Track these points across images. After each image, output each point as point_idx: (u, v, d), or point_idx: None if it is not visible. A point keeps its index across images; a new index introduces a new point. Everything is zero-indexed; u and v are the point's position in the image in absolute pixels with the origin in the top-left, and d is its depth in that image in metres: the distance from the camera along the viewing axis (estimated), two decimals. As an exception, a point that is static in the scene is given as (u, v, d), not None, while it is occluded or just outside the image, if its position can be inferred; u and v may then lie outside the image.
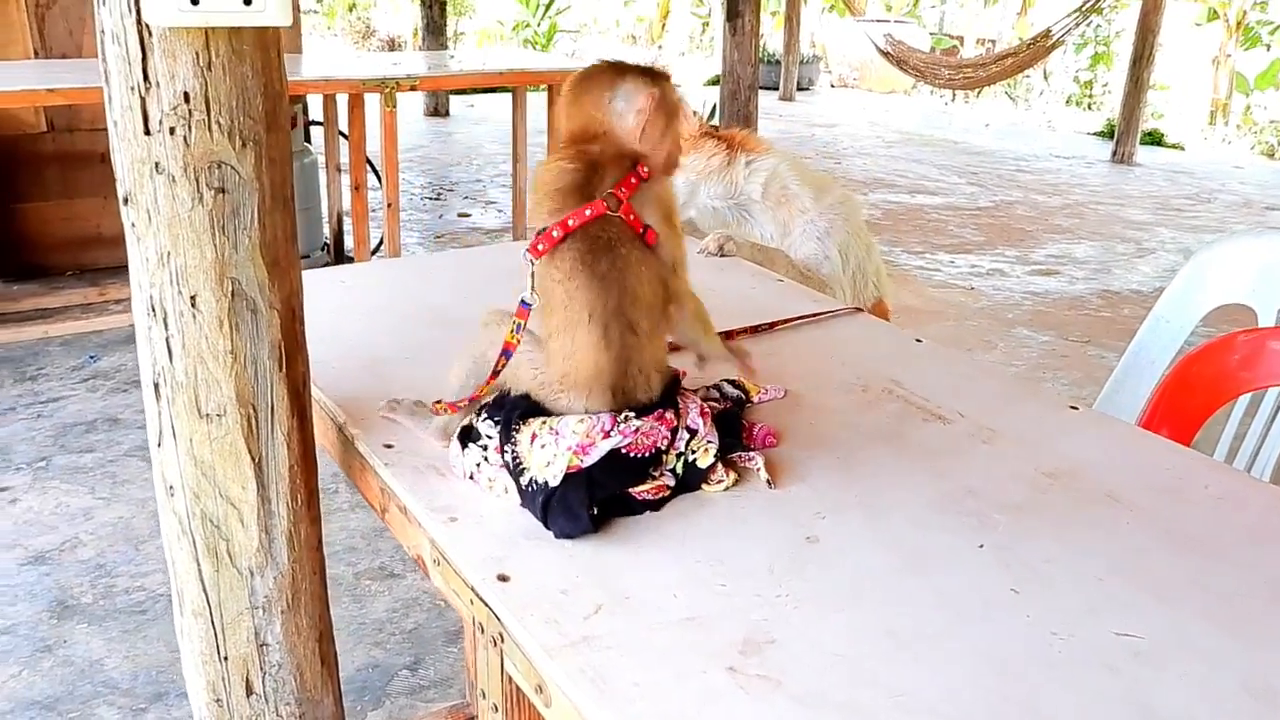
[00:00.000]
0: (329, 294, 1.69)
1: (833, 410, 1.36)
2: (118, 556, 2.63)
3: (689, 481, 1.13)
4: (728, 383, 1.36)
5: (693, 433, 1.14)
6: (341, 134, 4.69)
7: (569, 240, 1.09)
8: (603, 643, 0.90)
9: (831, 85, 12.88)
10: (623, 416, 1.08)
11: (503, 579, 0.98)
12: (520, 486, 1.08)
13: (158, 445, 1.07)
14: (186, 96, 0.96)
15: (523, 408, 1.11)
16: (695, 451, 1.13)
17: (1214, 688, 0.88)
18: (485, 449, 1.12)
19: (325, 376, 1.34)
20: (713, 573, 1.01)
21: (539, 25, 12.53)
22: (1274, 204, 7.48)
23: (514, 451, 1.08)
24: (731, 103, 5.34)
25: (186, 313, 1.01)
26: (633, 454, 1.07)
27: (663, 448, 1.10)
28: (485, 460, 1.12)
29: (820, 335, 1.63)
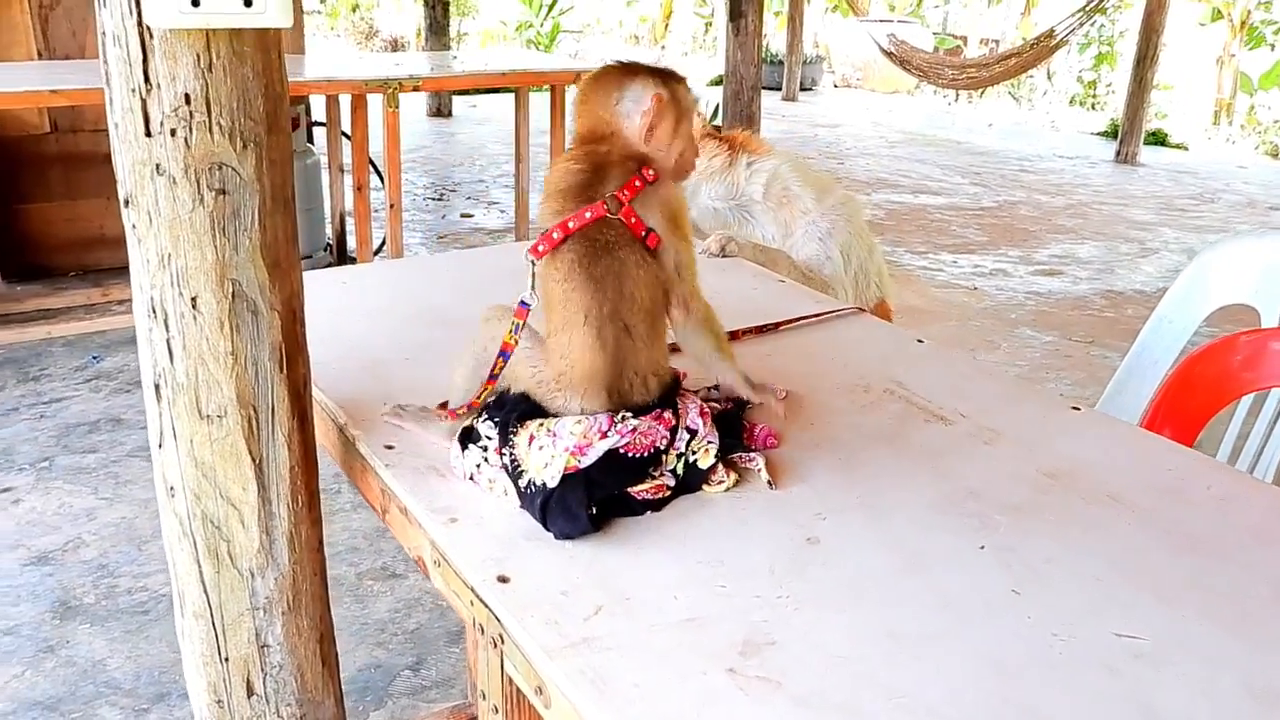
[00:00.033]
0: (330, 295, 1.69)
1: (834, 411, 1.36)
2: (120, 557, 2.63)
3: (689, 482, 1.13)
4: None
5: (693, 433, 1.13)
6: (344, 134, 4.70)
7: (569, 241, 1.09)
8: (603, 644, 0.90)
9: (835, 85, 12.87)
10: (620, 417, 1.08)
11: (503, 580, 0.98)
12: (519, 488, 1.08)
13: (159, 446, 1.08)
14: (187, 98, 0.96)
15: (521, 409, 1.11)
16: (696, 452, 1.13)
17: (1215, 689, 0.88)
18: (485, 450, 1.12)
19: (326, 377, 1.34)
20: (713, 574, 1.01)
21: (542, 25, 12.53)
22: (1278, 204, 7.47)
23: (512, 454, 1.08)
24: (734, 103, 5.34)
25: (187, 314, 1.01)
26: (631, 454, 1.07)
27: (662, 448, 1.10)
28: (485, 461, 1.12)
29: (822, 336, 1.62)
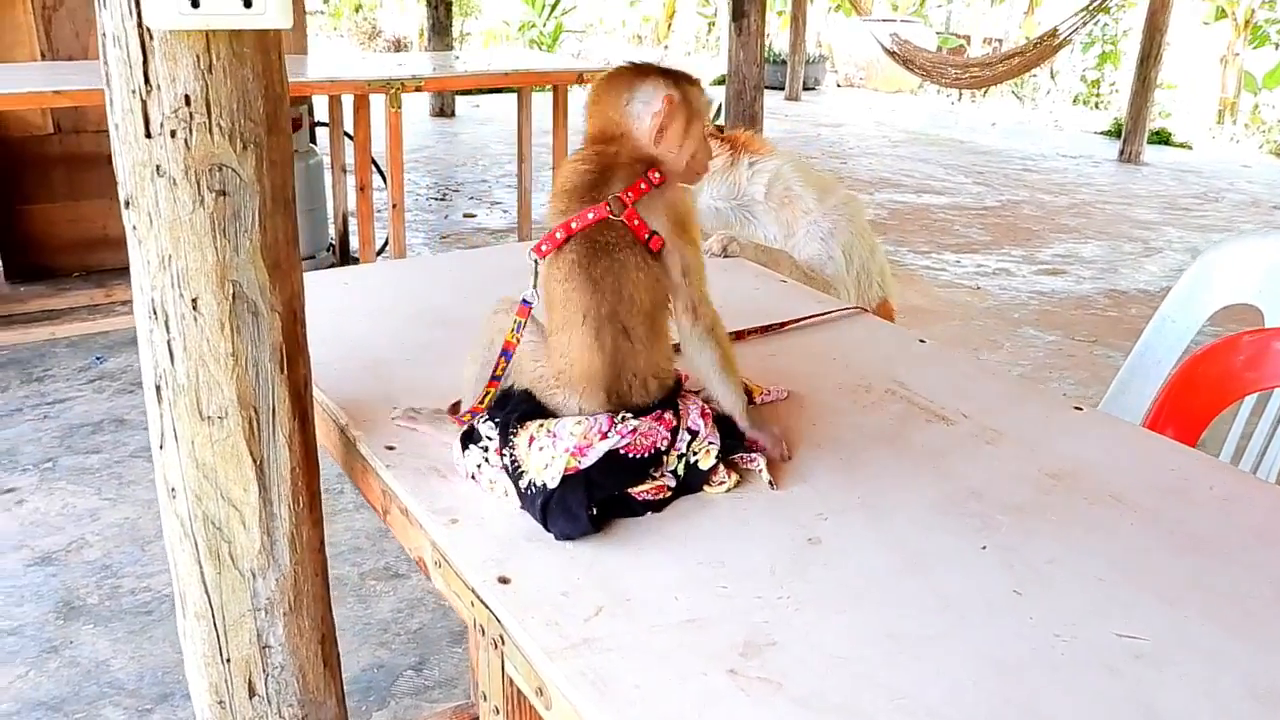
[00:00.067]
0: (331, 295, 1.69)
1: (835, 411, 1.36)
2: (124, 557, 2.64)
3: (690, 483, 1.13)
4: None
5: (694, 434, 1.13)
6: (347, 135, 4.70)
7: (571, 242, 1.10)
8: (603, 645, 0.90)
9: (838, 85, 12.86)
10: (620, 417, 1.08)
11: (503, 581, 0.98)
12: (519, 489, 1.08)
13: (159, 448, 1.08)
14: (187, 99, 0.96)
15: (521, 410, 1.11)
16: (696, 453, 1.13)
17: (1217, 690, 0.88)
18: (486, 451, 1.12)
19: (327, 378, 1.34)
20: (714, 574, 1.00)
21: (544, 26, 12.54)
22: (1282, 203, 7.46)
23: (512, 455, 1.08)
24: (737, 103, 5.34)
25: (188, 315, 1.01)
26: (631, 454, 1.07)
27: (662, 448, 1.10)
28: (486, 462, 1.12)
29: (823, 336, 1.62)
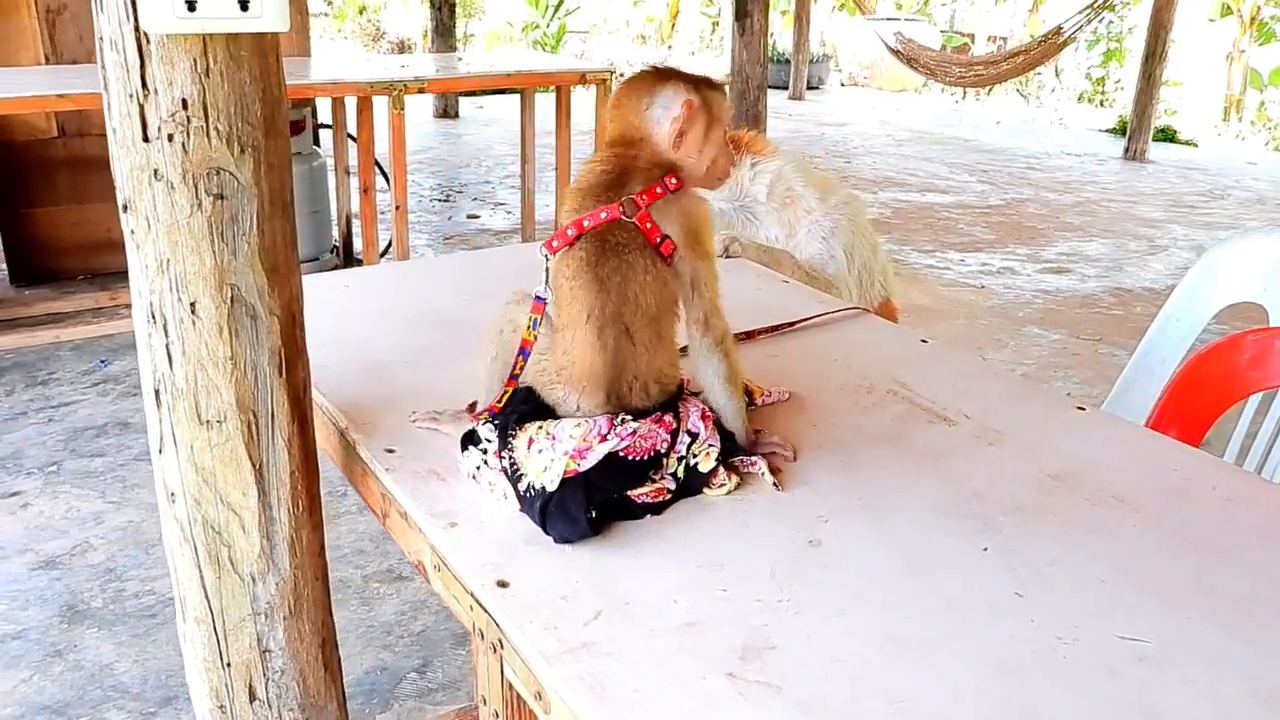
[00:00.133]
0: (332, 298, 1.69)
1: (837, 412, 1.35)
2: (128, 560, 2.64)
3: (690, 485, 1.12)
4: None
5: (694, 436, 1.13)
6: (350, 137, 4.70)
7: (582, 240, 1.10)
8: (602, 649, 0.90)
9: (842, 84, 12.84)
10: (619, 419, 1.07)
11: (502, 585, 0.98)
12: (518, 492, 1.07)
13: (159, 452, 1.08)
14: (185, 103, 0.96)
15: (520, 412, 1.11)
16: (696, 455, 1.13)
17: (1220, 692, 0.87)
18: (485, 453, 1.12)
19: (327, 381, 1.34)
20: (713, 577, 1.00)
21: (548, 26, 12.54)
22: (1288, 200, 7.43)
23: (511, 458, 1.08)
24: (740, 102, 5.33)
25: (186, 319, 1.01)
26: (631, 457, 1.07)
27: (662, 451, 1.10)
28: (485, 464, 1.11)
29: (824, 336, 1.62)
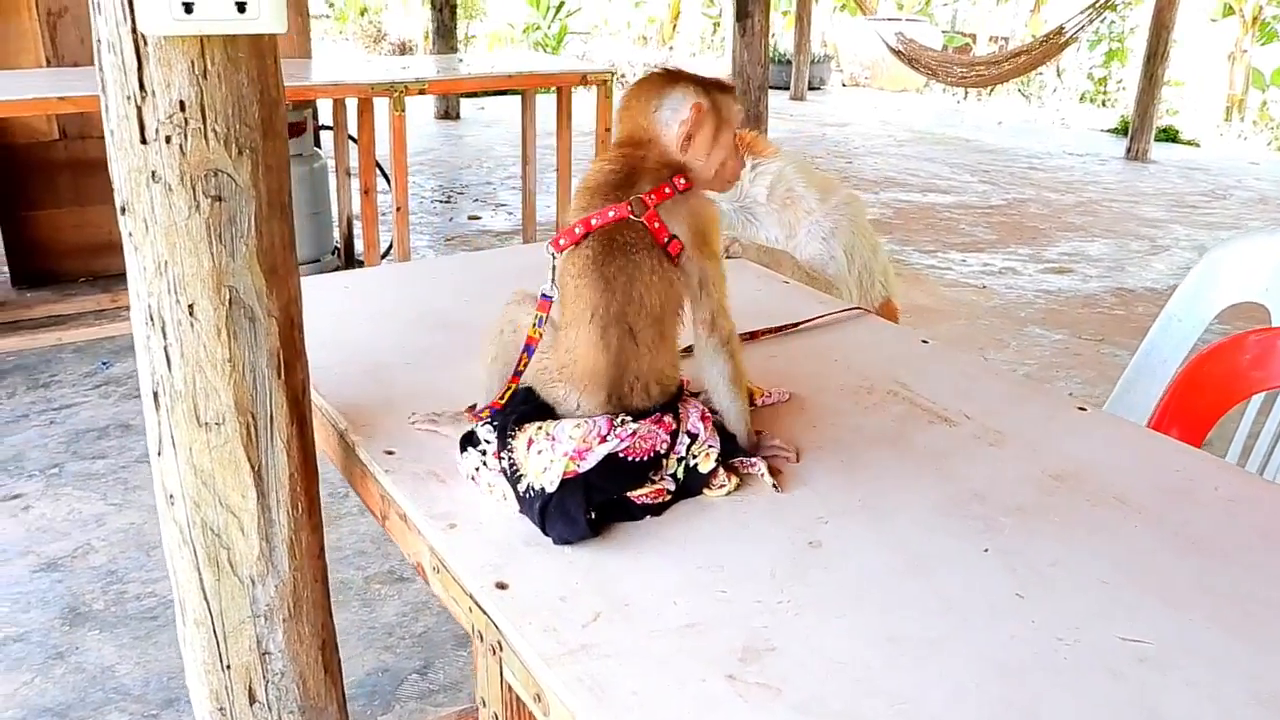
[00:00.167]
0: (332, 299, 1.69)
1: (837, 412, 1.35)
2: (129, 562, 2.64)
3: (690, 486, 1.12)
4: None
5: (693, 437, 1.13)
6: (351, 138, 4.71)
7: (589, 239, 1.10)
8: (601, 651, 0.89)
9: (843, 84, 12.83)
10: (619, 420, 1.07)
11: (501, 586, 0.98)
12: (517, 493, 1.07)
13: (158, 454, 1.07)
14: (182, 105, 0.96)
15: (520, 412, 1.11)
16: (696, 456, 1.12)
17: (1222, 694, 0.87)
18: (484, 454, 1.11)
19: (327, 382, 1.34)
20: (713, 579, 1.00)
21: (549, 28, 12.54)
22: (1290, 200, 7.42)
23: (510, 458, 1.08)
24: (741, 103, 5.33)
25: (184, 321, 1.01)
26: (630, 458, 1.07)
27: (661, 451, 1.10)
28: (484, 465, 1.11)
29: (824, 337, 1.61)
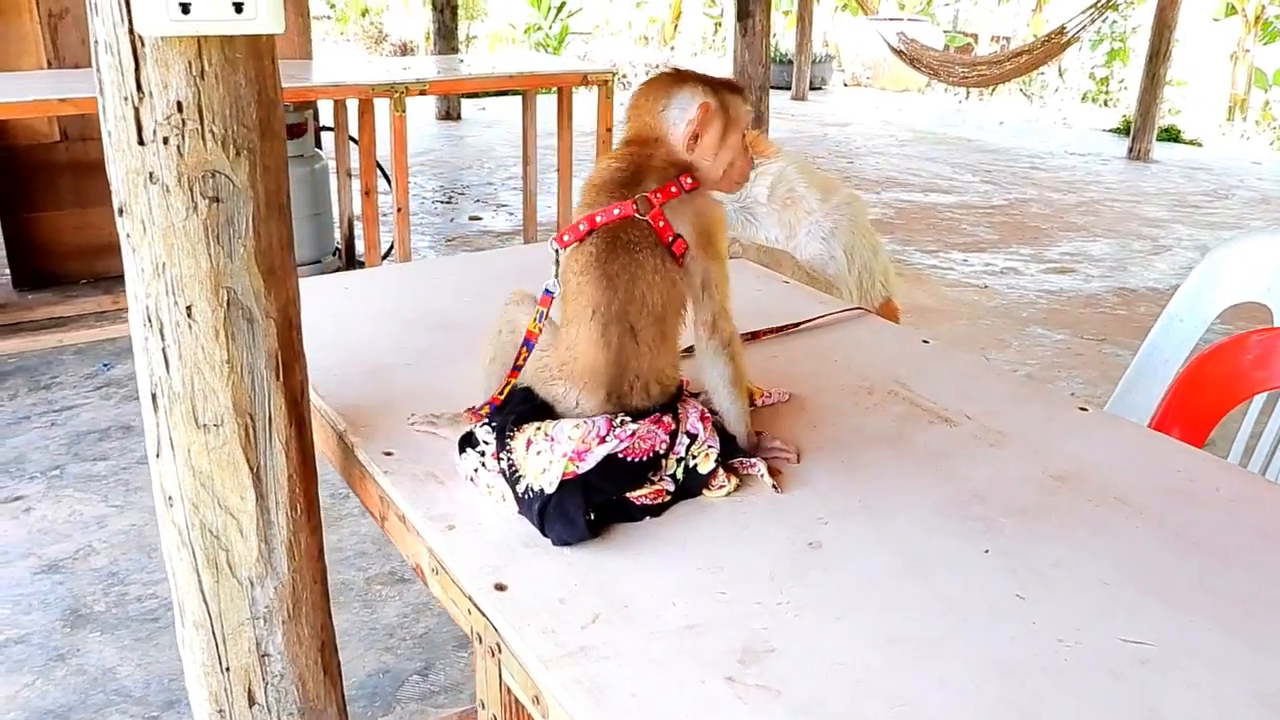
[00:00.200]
0: (332, 300, 1.69)
1: (837, 413, 1.35)
2: (130, 564, 2.64)
3: (690, 487, 1.12)
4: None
5: (693, 437, 1.12)
6: (352, 139, 4.70)
7: (593, 236, 1.10)
8: (600, 652, 0.89)
9: (844, 84, 12.82)
10: (619, 421, 1.07)
11: (500, 588, 0.97)
12: (516, 494, 1.07)
13: (156, 456, 1.07)
14: (180, 106, 0.96)
15: (519, 412, 1.11)
16: (696, 457, 1.12)
17: (1223, 695, 0.87)
18: (483, 455, 1.11)
19: (326, 384, 1.34)
20: (713, 580, 1.00)
21: (550, 28, 12.53)
22: (1293, 199, 7.41)
23: (509, 459, 1.08)
24: (750, 104, 5.33)
25: (183, 323, 1.01)
26: (629, 458, 1.07)
27: (661, 452, 1.09)
28: (483, 466, 1.11)
29: (824, 337, 1.61)
